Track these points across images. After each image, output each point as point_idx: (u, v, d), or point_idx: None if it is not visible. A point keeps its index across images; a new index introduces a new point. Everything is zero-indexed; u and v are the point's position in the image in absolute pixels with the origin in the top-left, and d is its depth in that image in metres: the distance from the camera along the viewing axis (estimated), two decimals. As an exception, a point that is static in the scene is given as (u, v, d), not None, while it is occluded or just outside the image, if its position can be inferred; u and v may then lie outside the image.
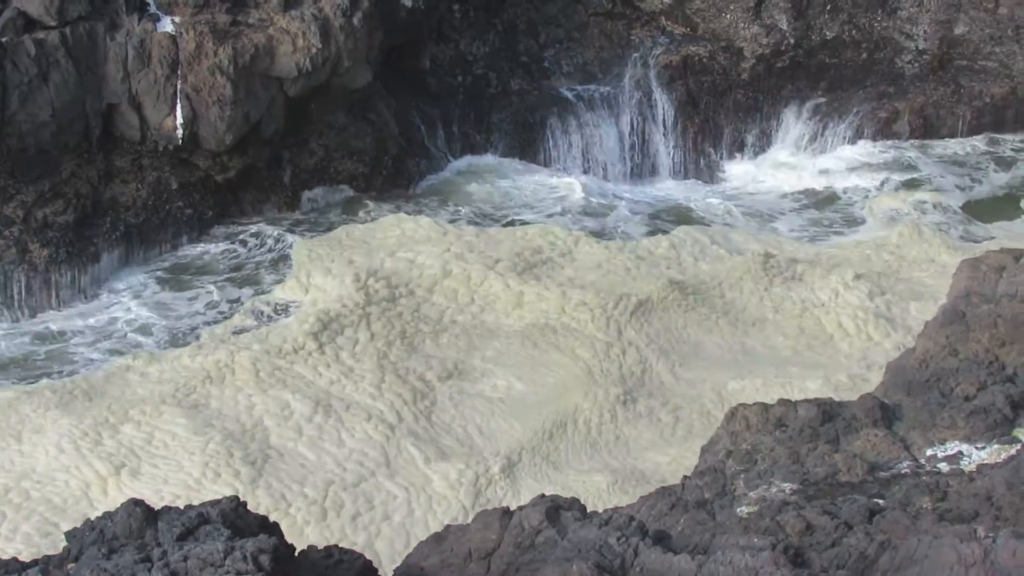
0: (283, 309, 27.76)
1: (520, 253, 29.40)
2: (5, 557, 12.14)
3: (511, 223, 32.21)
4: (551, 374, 25.77)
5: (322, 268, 28.73)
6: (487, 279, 28.24)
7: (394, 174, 33.43)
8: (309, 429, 23.80)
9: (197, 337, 26.85)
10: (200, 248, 30.50)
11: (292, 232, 31.09)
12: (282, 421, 23.97)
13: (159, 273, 29.53)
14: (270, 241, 30.82)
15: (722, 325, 27.52)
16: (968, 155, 36.83)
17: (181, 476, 22.38)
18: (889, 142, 37.23)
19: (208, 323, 27.53)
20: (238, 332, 26.81)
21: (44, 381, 25.13)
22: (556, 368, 25.92)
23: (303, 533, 21.00)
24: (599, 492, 22.04)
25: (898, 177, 35.69)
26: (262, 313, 27.73)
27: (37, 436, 23.18)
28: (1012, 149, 37.06)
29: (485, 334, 26.91)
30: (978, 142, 37.30)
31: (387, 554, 20.64)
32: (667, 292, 28.01)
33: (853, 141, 37.21)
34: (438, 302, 27.71)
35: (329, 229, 31.16)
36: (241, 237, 31.02)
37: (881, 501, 14.92)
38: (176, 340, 26.90)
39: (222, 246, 30.61)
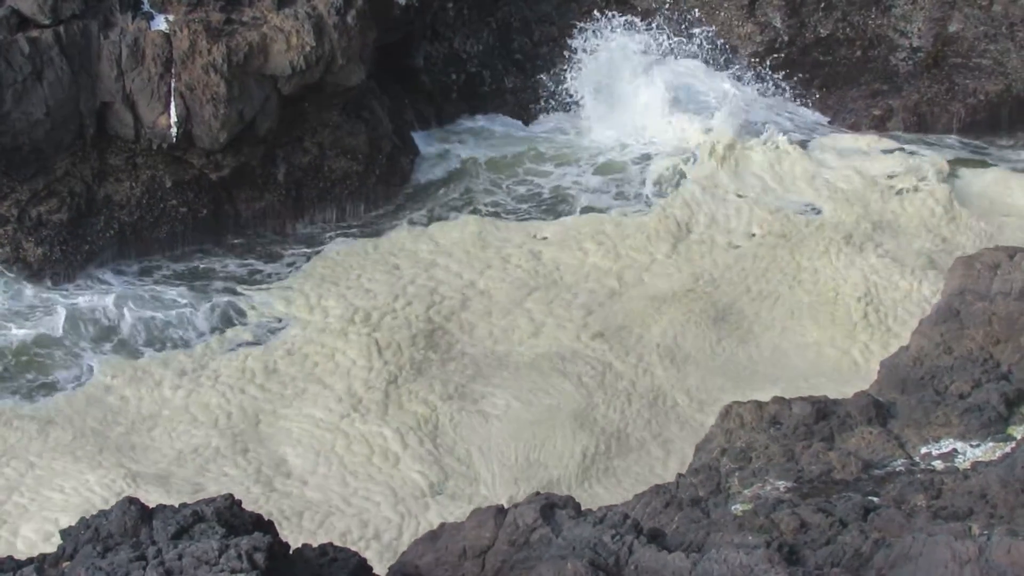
0: (280, 327, 27.52)
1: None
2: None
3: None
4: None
5: (335, 291, 28.51)
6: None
7: (388, 172, 33.39)
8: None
9: (187, 345, 26.67)
10: (195, 248, 30.44)
11: (296, 234, 31.21)
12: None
13: (153, 273, 29.45)
14: (270, 244, 30.92)
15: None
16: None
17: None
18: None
19: (200, 332, 27.29)
20: (234, 348, 26.68)
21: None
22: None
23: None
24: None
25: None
26: (260, 326, 27.54)
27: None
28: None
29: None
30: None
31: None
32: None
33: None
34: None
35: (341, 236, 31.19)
36: (240, 239, 31.01)
37: (876, 499, 14.95)
38: (165, 347, 26.73)
39: (219, 248, 30.61)
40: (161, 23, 29.65)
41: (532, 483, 22.18)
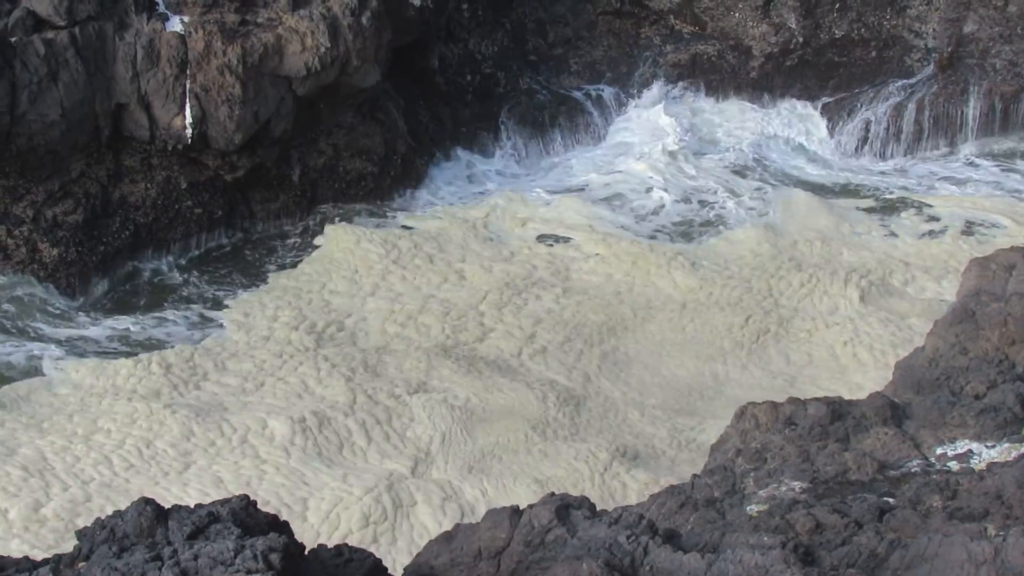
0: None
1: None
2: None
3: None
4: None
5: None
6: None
7: (403, 173, 33.45)
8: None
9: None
10: (210, 248, 30.63)
11: (294, 239, 31.48)
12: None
13: (166, 275, 29.62)
14: (278, 246, 31.14)
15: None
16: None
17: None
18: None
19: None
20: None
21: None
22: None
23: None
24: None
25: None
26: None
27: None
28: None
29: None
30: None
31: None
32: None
33: (862, 140, 37.14)
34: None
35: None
36: (253, 240, 31.27)
37: (891, 500, 14.91)
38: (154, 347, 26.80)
39: (229, 250, 30.92)
40: (176, 24, 29.72)
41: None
